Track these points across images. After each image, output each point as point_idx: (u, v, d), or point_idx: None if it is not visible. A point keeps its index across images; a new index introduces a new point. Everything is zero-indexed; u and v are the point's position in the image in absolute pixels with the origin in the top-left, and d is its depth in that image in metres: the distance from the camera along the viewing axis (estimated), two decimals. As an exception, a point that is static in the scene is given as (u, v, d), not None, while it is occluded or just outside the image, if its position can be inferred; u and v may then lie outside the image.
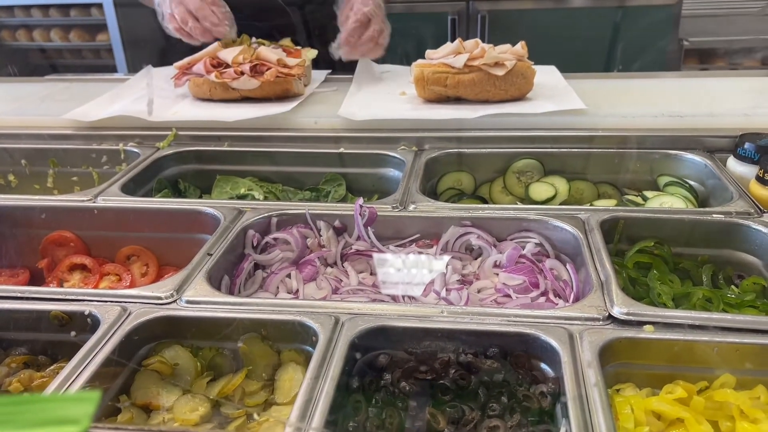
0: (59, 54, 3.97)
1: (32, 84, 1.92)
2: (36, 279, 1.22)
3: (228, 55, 1.55)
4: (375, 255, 1.09)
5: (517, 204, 1.31)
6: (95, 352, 0.81)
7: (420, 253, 1.09)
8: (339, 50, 1.64)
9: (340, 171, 1.40)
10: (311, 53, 1.68)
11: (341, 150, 1.40)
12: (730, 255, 1.06)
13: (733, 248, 1.05)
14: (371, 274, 1.09)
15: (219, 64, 1.55)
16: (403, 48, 2.15)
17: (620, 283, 0.94)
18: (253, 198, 1.34)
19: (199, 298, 0.91)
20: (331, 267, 1.10)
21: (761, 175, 1.11)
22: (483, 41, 1.46)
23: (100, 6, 3.53)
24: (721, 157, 1.27)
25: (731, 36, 3.18)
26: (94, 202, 1.21)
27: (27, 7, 3.70)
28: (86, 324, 0.89)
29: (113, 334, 0.84)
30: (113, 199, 1.21)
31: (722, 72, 1.95)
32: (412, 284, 1.04)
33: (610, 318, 0.83)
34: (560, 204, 1.27)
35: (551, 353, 0.79)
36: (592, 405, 0.70)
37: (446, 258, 1.07)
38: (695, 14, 3.34)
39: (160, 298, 0.91)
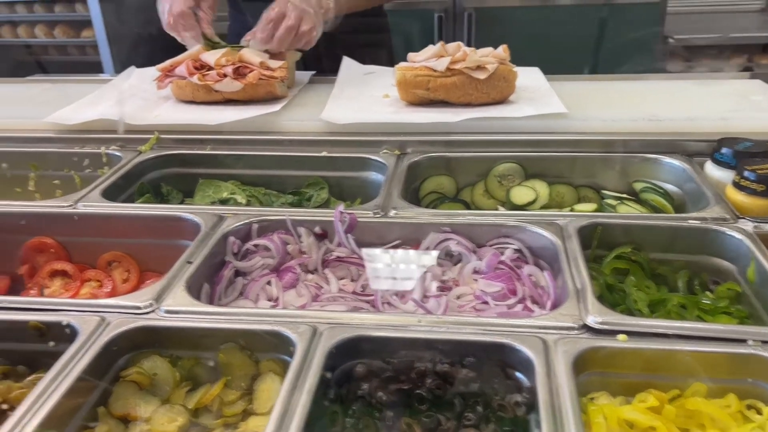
0: (44, 50, 3.94)
1: (13, 85, 1.90)
2: (16, 285, 1.21)
3: (210, 57, 1.54)
4: (355, 261, 1.10)
5: (498, 207, 1.32)
6: (73, 363, 0.81)
7: (400, 259, 1.10)
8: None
9: (322, 175, 1.40)
10: (295, 55, 1.67)
11: (323, 153, 1.40)
12: (706, 261, 1.07)
13: (709, 254, 1.06)
14: (352, 280, 1.10)
15: (202, 67, 1.55)
16: (388, 46, 2.16)
17: (596, 291, 0.95)
18: (236, 202, 1.34)
19: (178, 307, 0.92)
20: (312, 273, 1.10)
21: (738, 181, 1.12)
22: (470, 39, 1.46)
23: (84, 1, 3.50)
24: (700, 161, 1.28)
25: (716, 33, 3.20)
26: (75, 208, 1.20)
27: (11, 3, 3.66)
28: (65, 334, 0.89)
29: (91, 345, 0.84)
30: (94, 204, 1.21)
31: (704, 75, 1.96)
32: (392, 291, 1.05)
33: (585, 327, 0.84)
34: (541, 208, 1.28)
35: (526, 363, 0.80)
36: (564, 415, 0.71)
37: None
38: (680, 11, 3.36)
39: (138, 307, 0.91)
